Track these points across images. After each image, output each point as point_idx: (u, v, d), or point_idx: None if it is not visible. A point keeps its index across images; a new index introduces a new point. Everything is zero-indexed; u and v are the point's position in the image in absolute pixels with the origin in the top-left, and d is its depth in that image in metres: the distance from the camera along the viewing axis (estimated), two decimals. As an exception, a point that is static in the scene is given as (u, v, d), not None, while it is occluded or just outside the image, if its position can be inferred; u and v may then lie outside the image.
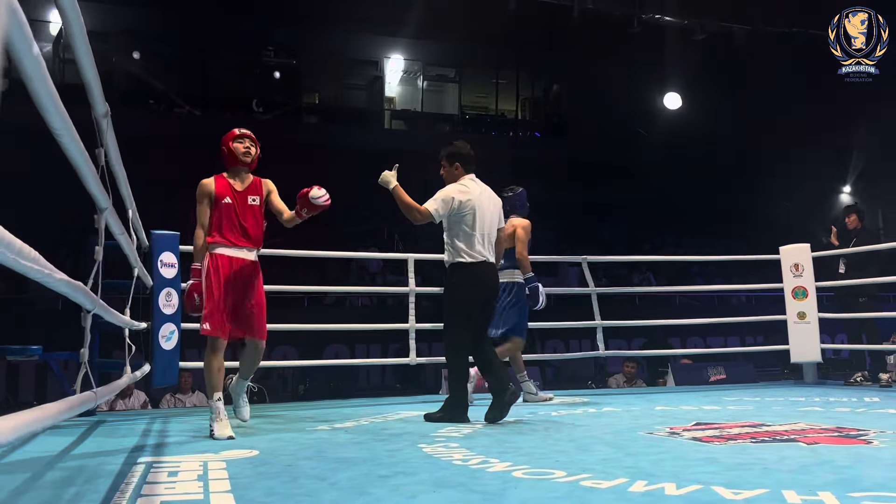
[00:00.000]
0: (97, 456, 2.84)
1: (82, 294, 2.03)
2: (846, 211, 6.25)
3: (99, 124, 2.51)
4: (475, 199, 3.88)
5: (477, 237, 3.87)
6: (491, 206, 3.97)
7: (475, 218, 3.86)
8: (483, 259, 3.88)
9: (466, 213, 3.85)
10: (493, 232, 3.97)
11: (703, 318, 7.07)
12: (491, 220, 3.95)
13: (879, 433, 3.08)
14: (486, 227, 3.91)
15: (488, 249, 3.92)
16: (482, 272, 3.88)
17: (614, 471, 2.35)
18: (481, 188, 3.98)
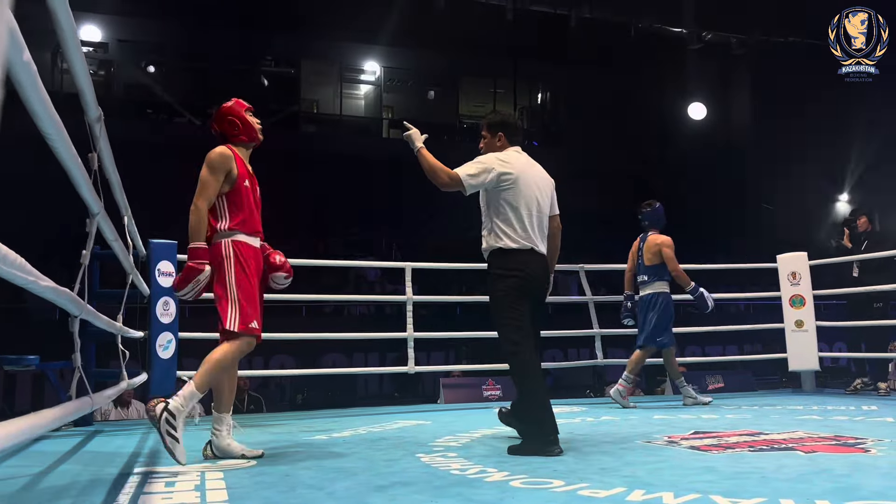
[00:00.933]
0: (94, 465, 2.83)
1: (68, 300, 2.03)
2: (856, 213, 6.15)
3: (92, 129, 2.51)
4: (519, 173, 3.19)
5: (524, 218, 3.16)
6: (541, 185, 3.27)
7: (520, 195, 3.17)
8: (530, 246, 3.16)
9: (508, 188, 3.16)
10: (544, 217, 3.26)
11: (701, 326, 7.08)
12: (541, 202, 3.24)
13: (877, 442, 3.07)
14: (535, 208, 3.20)
15: (538, 236, 3.21)
16: (530, 263, 3.15)
17: (612, 480, 2.35)
18: (529, 162, 3.30)
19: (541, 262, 3.20)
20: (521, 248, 3.16)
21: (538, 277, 3.18)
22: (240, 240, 3.02)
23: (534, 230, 3.19)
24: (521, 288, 3.13)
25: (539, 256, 3.20)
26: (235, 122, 3.15)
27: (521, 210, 3.17)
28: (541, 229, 3.23)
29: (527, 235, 3.17)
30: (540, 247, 3.21)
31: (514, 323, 3.09)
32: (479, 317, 4.10)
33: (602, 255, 13.19)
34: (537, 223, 3.21)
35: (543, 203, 3.26)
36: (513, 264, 3.14)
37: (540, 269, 3.20)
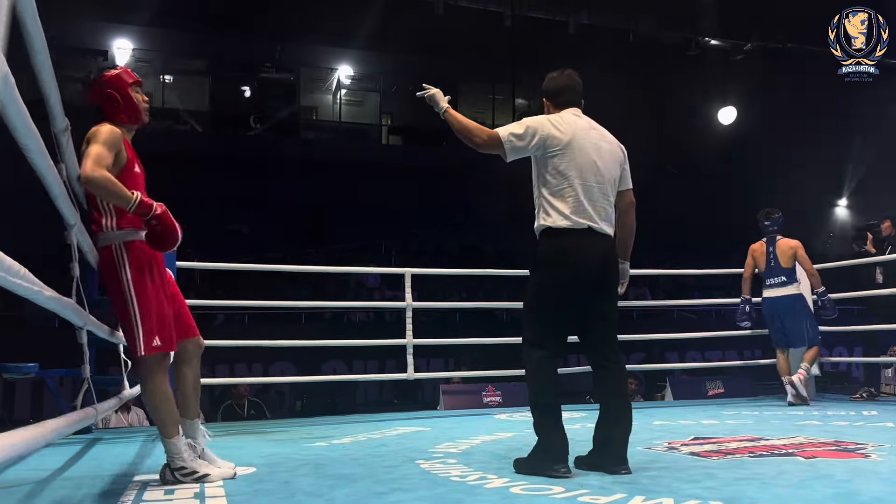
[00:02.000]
0: (94, 474, 2.83)
1: (72, 311, 2.03)
2: (881, 217, 6.00)
3: (58, 139, 2.49)
4: (573, 137, 2.69)
5: (578, 189, 2.65)
6: (604, 151, 2.75)
7: (572, 161, 2.66)
8: (586, 225, 2.64)
9: (557, 153, 2.67)
10: (609, 190, 2.73)
11: (701, 332, 7.07)
12: (604, 171, 2.71)
13: (878, 447, 3.07)
14: (594, 178, 2.68)
15: (598, 213, 2.67)
16: (584, 247, 2.64)
17: (612, 486, 2.34)
18: (589, 125, 2.79)
19: (601, 245, 2.67)
20: (573, 228, 2.63)
21: (594, 265, 2.65)
22: (133, 239, 2.53)
23: (592, 205, 2.66)
24: (564, 282, 2.64)
25: (599, 238, 2.67)
26: (115, 96, 2.60)
27: (574, 180, 2.65)
28: (602, 205, 2.69)
29: (580, 210, 2.64)
30: (601, 225, 2.67)
31: (537, 335, 2.68)
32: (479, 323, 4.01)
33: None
34: (598, 197, 2.68)
35: (608, 172, 2.72)
36: (559, 248, 2.65)
37: (598, 254, 2.66)
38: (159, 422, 2.55)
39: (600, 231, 2.69)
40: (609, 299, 2.75)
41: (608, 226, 2.72)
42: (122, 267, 2.50)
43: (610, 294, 2.75)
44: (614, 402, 2.70)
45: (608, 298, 2.75)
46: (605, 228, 2.71)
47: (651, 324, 10.77)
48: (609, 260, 2.72)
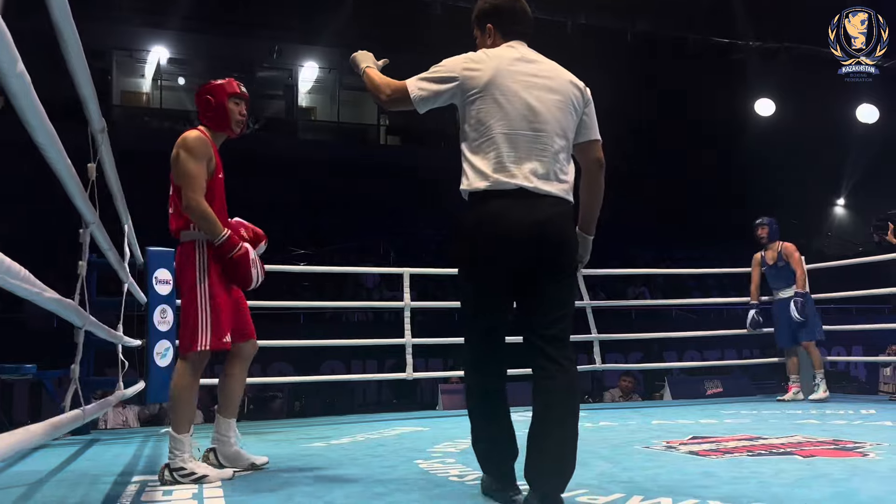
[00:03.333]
0: (91, 474, 2.82)
1: (73, 311, 2.03)
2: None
3: (95, 139, 2.51)
4: (495, 73, 2.12)
5: (501, 141, 2.08)
6: (545, 91, 2.14)
7: (495, 106, 2.10)
8: (514, 185, 2.05)
9: (477, 97, 2.12)
10: (553, 139, 2.11)
11: (700, 331, 7.07)
12: (546, 115, 2.11)
13: (876, 446, 3.07)
14: (528, 124, 2.09)
15: (533, 169, 2.07)
16: (511, 214, 2.04)
17: (611, 486, 2.34)
18: (525, 58, 2.18)
19: (539, 209, 2.05)
20: (496, 189, 2.06)
21: (527, 235, 2.02)
22: None
23: (523, 159, 2.07)
24: (487, 259, 2.06)
25: (535, 201, 2.05)
26: (210, 101, 2.76)
27: (496, 128, 2.09)
28: (540, 159, 2.08)
29: (504, 167, 2.06)
30: (537, 184, 2.06)
31: (473, 335, 2.20)
32: None
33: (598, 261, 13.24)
34: (533, 149, 2.08)
35: (550, 117, 2.11)
36: (477, 216, 2.08)
37: (532, 220, 2.03)
38: (176, 415, 2.60)
39: (537, 191, 2.06)
40: (555, 280, 2.07)
41: (552, 185, 2.08)
42: (200, 263, 2.64)
43: (556, 273, 2.07)
44: (551, 424, 1.99)
45: (554, 279, 2.07)
46: (544, 188, 2.07)
47: (649, 323, 10.76)
48: (553, 228, 2.06)
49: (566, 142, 2.16)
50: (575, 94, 2.19)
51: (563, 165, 2.14)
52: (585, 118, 2.22)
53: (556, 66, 2.24)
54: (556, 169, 2.11)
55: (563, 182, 2.13)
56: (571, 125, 2.18)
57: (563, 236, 2.10)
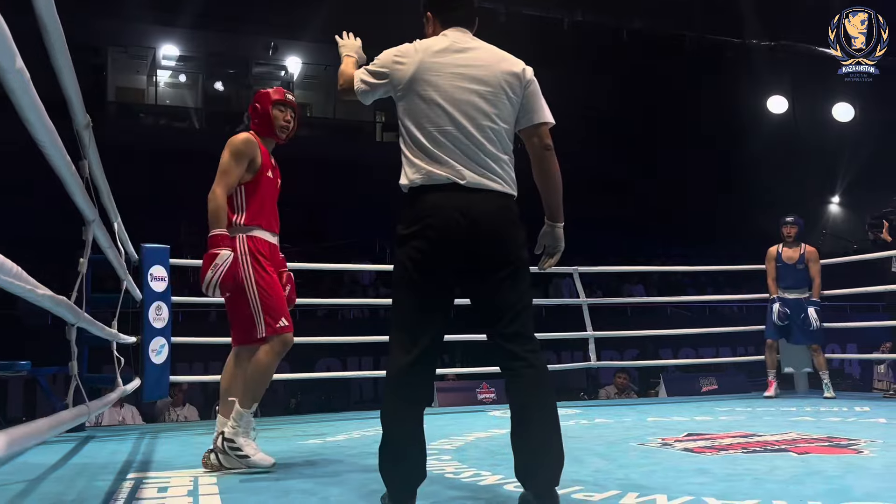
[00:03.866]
0: (86, 472, 2.82)
1: (66, 308, 2.03)
2: (894, 204, 5.78)
3: (80, 136, 2.50)
4: (419, 67, 2.08)
5: (429, 134, 2.04)
6: (475, 80, 2.08)
7: (420, 99, 2.07)
8: (445, 179, 2.01)
9: (403, 94, 2.10)
10: (488, 129, 2.05)
11: (695, 328, 7.09)
12: (477, 106, 2.05)
13: (870, 443, 3.09)
14: (459, 116, 2.04)
15: (466, 161, 2.02)
16: (442, 206, 1.99)
17: (606, 483, 2.35)
18: (454, 47, 2.12)
19: (475, 204, 1.98)
20: (427, 185, 2.02)
21: (461, 232, 1.96)
22: (256, 235, 2.84)
23: (454, 152, 2.02)
24: (419, 258, 1.98)
25: (466, 196, 1.99)
26: (256, 108, 2.95)
27: (423, 121, 2.05)
28: (474, 151, 2.02)
29: (435, 160, 2.02)
30: (471, 177, 2.00)
31: (398, 338, 2.02)
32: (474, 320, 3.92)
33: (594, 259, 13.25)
34: (465, 141, 2.02)
35: (482, 106, 2.05)
36: (412, 213, 2.03)
37: (466, 216, 1.97)
38: (246, 391, 2.75)
39: (469, 186, 1.99)
40: (500, 277, 1.99)
41: (485, 179, 2.02)
42: (242, 256, 2.78)
43: (497, 270, 1.99)
44: (529, 422, 1.95)
45: (498, 276, 1.99)
46: (480, 182, 2.01)
47: (645, 320, 10.79)
48: (487, 223, 1.98)
49: (500, 132, 2.08)
50: (507, 81, 2.10)
51: (499, 158, 2.06)
52: (526, 102, 2.12)
53: (491, 51, 2.15)
54: (489, 162, 2.04)
55: (499, 174, 2.05)
56: (506, 114, 2.09)
57: (500, 231, 2.00)
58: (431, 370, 2.07)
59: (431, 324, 2.01)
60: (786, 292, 5.78)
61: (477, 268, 2.00)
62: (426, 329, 2.00)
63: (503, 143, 2.09)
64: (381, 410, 2.01)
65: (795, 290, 5.75)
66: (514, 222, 2.05)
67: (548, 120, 2.13)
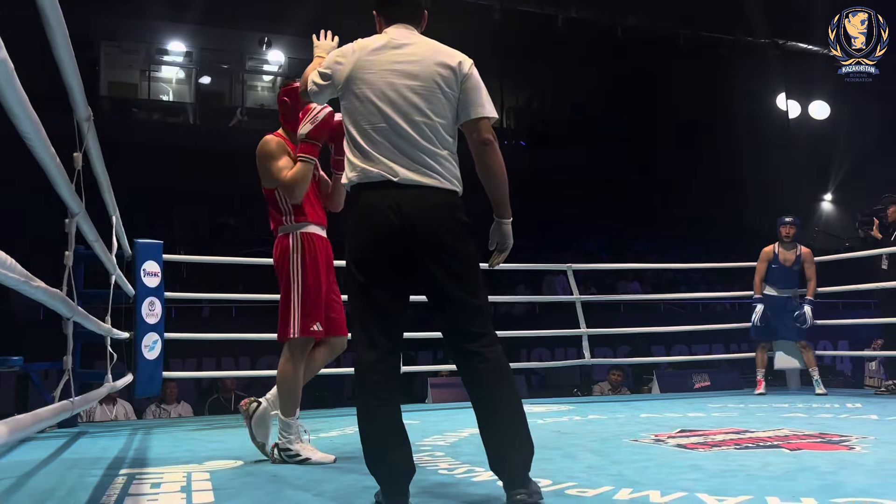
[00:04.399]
0: (78, 467, 2.81)
1: (60, 302, 2.01)
2: (887, 201, 5.73)
3: (80, 128, 2.49)
4: (355, 66, 2.10)
5: (364, 133, 2.06)
6: (409, 76, 2.07)
7: (357, 99, 2.09)
8: (379, 177, 2.02)
9: (342, 93, 2.14)
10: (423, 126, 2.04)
11: (688, 325, 7.10)
12: (411, 102, 2.05)
13: (862, 439, 3.10)
14: (392, 114, 2.05)
15: (399, 159, 2.02)
16: (376, 204, 2.01)
17: (599, 479, 2.35)
18: (388, 42, 2.13)
19: (406, 202, 1.99)
20: (363, 183, 2.04)
21: (394, 230, 1.98)
22: (309, 231, 2.86)
23: (389, 150, 2.03)
24: (360, 256, 2.03)
25: (401, 193, 2.00)
26: (286, 102, 2.91)
27: (360, 120, 2.08)
28: (408, 148, 2.03)
29: (369, 158, 2.04)
30: (405, 174, 2.01)
31: (357, 336, 2.06)
32: None
33: (587, 256, 13.28)
34: (398, 139, 2.03)
35: (417, 102, 2.05)
36: (352, 211, 2.09)
37: (399, 214, 1.98)
38: (283, 400, 2.82)
39: (404, 182, 2.00)
40: (443, 273, 2.00)
41: (422, 175, 2.02)
42: (294, 252, 2.81)
43: (440, 268, 1.99)
44: (490, 414, 2.01)
45: (446, 274, 2.00)
46: (413, 178, 2.01)
47: (638, 317, 10.81)
48: (423, 220, 1.98)
49: (436, 127, 2.06)
50: (441, 75, 2.08)
51: (435, 153, 2.05)
52: (463, 97, 2.10)
53: (428, 46, 2.14)
54: (424, 158, 2.03)
55: (435, 170, 2.04)
56: (443, 108, 2.08)
57: (435, 228, 2.00)
58: (395, 366, 2.07)
59: (385, 321, 2.03)
60: (774, 290, 5.79)
61: (417, 266, 2.01)
62: (381, 327, 2.03)
63: (440, 138, 2.07)
64: (357, 411, 2.04)
65: (785, 288, 5.78)
66: (452, 218, 2.04)
67: (487, 114, 2.11)
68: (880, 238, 5.68)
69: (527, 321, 10.55)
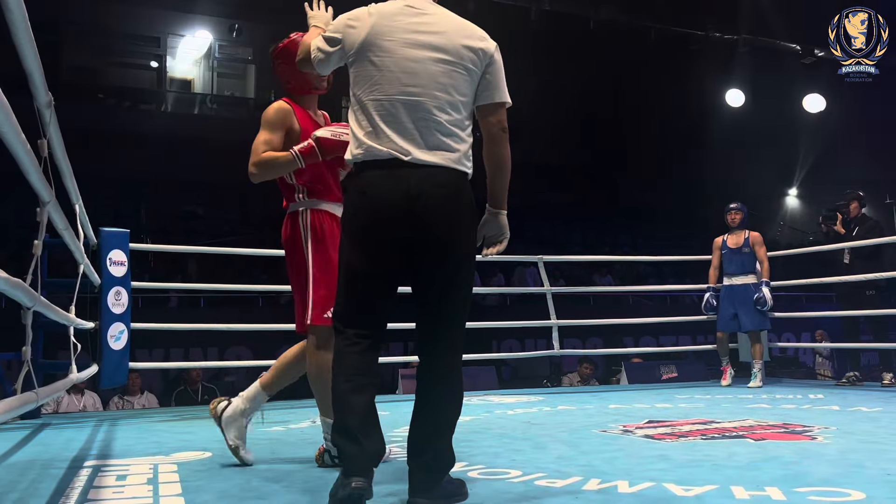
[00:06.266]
0: (41, 460, 2.75)
1: (21, 291, 1.96)
2: (849, 197, 5.85)
3: (42, 115, 2.43)
4: (372, 31, 1.94)
5: (375, 105, 1.91)
6: (431, 49, 1.94)
7: (371, 67, 1.93)
8: (387, 155, 1.87)
9: (354, 59, 1.97)
10: (444, 103, 1.92)
11: (656, 317, 7.19)
12: (429, 77, 1.91)
13: (824, 429, 3.17)
14: (409, 87, 1.91)
15: (412, 136, 1.88)
16: (381, 184, 1.87)
17: (569, 469, 2.37)
18: (409, 9, 1.98)
19: (416, 182, 1.85)
20: (368, 160, 1.90)
21: (399, 212, 1.84)
22: (320, 209, 2.58)
23: (401, 126, 1.89)
24: (360, 237, 1.90)
25: (408, 173, 1.85)
26: (283, 67, 2.62)
27: (371, 91, 1.92)
28: (423, 125, 1.89)
29: (378, 133, 1.89)
30: (417, 154, 1.87)
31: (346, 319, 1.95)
32: None
33: (557, 248, 13.35)
34: (413, 115, 1.89)
35: (437, 77, 1.91)
36: (353, 189, 1.95)
37: (407, 195, 1.84)
38: (317, 398, 2.54)
39: (414, 162, 1.86)
40: (438, 264, 1.89)
41: (434, 154, 1.88)
42: (304, 231, 2.54)
43: (439, 259, 1.88)
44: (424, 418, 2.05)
45: (436, 262, 1.89)
46: (422, 158, 1.87)
47: (607, 309, 10.92)
48: (428, 203, 1.85)
49: (457, 105, 1.94)
50: (469, 51, 1.97)
51: (453, 133, 1.92)
52: (487, 78, 1.99)
53: (451, 19, 2.01)
54: (441, 137, 1.90)
55: (451, 151, 1.91)
56: (464, 87, 1.95)
57: (442, 212, 1.86)
58: (376, 354, 1.99)
59: (371, 308, 1.94)
60: (733, 279, 5.89)
61: (416, 254, 1.89)
62: (367, 314, 1.93)
63: (460, 117, 1.95)
64: (332, 397, 1.95)
65: (741, 275, 5.87)
66: (464, 204, 1.92)
67: (507, 100, 2.02)
68: (843, 233, 5.80)
69: (498, 312, 10.59)
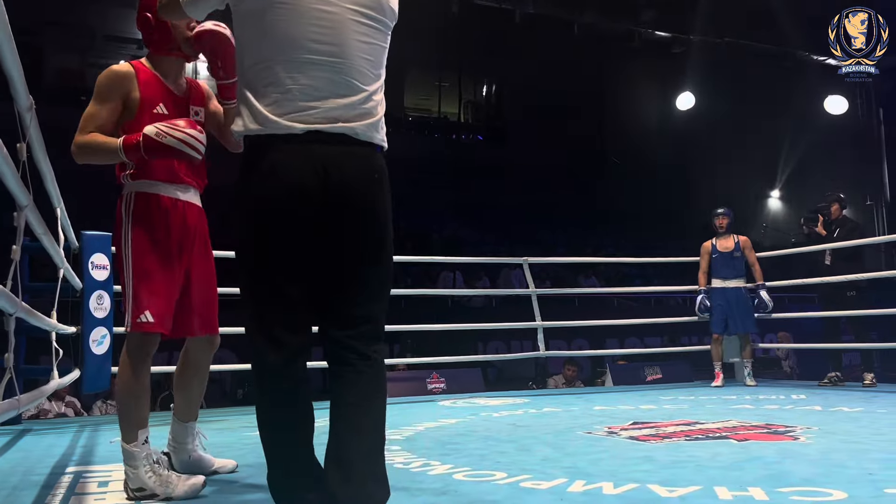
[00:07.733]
0: (22, 466, 2.72)
1: (2, 297, 1.94)
2: (828, 199, 5.90)
3: (22, 118, 2.40)
4: None
5: (280, 69, 1.57)
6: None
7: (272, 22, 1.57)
8: (300, 129, 1.56)
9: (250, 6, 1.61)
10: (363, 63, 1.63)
11: (641, 318, 7.22)
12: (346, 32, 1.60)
13: (806, 430, 3.19)
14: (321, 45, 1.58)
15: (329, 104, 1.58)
16: (293, 162, 1.56)
17: (554, 471, 2.38)
18: None
19: (336, 160, 1.56)
20: (274, 134, 1.56)
21: (316, 195, 1.55)
22: (144, 191, 2.16)
23: (316, 92, 1.57)
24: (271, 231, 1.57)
25: (323, 147, 1.56)
26: (148, 20, 2.18)
27: (275, 50, 1.57)
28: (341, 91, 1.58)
29: (286, 102, 1.56)
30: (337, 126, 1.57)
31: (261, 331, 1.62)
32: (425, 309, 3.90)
33: (543, 250, 13.38)
34: (330, 78, 1.58)
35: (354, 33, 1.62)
36: (251, 171, 1.59)
37: (324, 176, 1.55)
38: (120, 420, 2.13)
39: (333, 131, 1.57)
40: (364, 257, 1.61)
41: (359, 123, 1.60)
42: (126, 218, 2.14)
43: (357, 249, 1.60)
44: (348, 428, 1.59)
45: (362, 257, 1.61)
46: (344, 127, 1.58)
47: (592, 311, 10.97)
48: (357, 186, 1.58)
49: (375, 70, 1.66)
50: (390, 9, 1.70)
51: (373, 96, 1.65)
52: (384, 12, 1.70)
53: None
54: (361, 102, 1.61)
55: (372, 115, 1.63)
56: (384, 38, 1.70)
57: (366, 196, 1.60)
58: (304, 369, 1.67)
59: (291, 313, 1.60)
60: (725, 282, 5.94)
61: (332, 239, 1.58)
62: (287, 321, 1.60)
63: (377, 75, 1.66)
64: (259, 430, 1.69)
65: (733, 279, 5.92)
66: (383, 185, 1.65)
67: None
68: (824, 234, 5.86)
69: (483, 314, 10.60)
